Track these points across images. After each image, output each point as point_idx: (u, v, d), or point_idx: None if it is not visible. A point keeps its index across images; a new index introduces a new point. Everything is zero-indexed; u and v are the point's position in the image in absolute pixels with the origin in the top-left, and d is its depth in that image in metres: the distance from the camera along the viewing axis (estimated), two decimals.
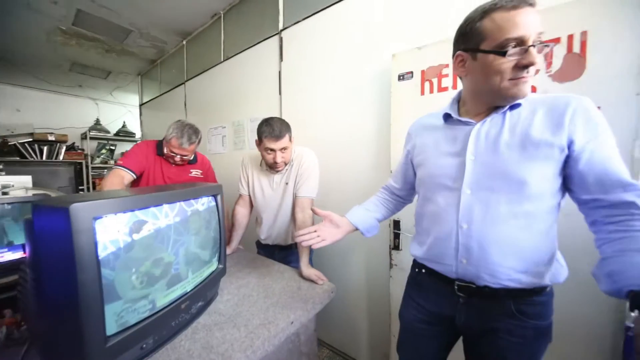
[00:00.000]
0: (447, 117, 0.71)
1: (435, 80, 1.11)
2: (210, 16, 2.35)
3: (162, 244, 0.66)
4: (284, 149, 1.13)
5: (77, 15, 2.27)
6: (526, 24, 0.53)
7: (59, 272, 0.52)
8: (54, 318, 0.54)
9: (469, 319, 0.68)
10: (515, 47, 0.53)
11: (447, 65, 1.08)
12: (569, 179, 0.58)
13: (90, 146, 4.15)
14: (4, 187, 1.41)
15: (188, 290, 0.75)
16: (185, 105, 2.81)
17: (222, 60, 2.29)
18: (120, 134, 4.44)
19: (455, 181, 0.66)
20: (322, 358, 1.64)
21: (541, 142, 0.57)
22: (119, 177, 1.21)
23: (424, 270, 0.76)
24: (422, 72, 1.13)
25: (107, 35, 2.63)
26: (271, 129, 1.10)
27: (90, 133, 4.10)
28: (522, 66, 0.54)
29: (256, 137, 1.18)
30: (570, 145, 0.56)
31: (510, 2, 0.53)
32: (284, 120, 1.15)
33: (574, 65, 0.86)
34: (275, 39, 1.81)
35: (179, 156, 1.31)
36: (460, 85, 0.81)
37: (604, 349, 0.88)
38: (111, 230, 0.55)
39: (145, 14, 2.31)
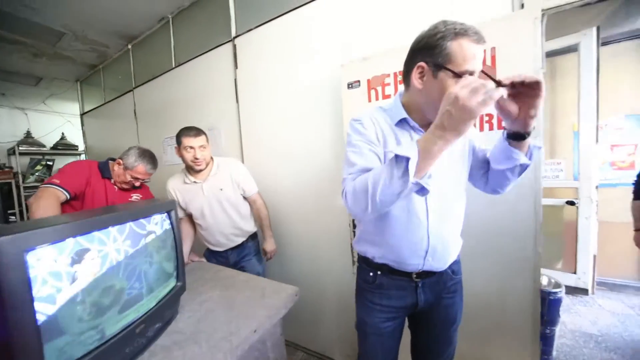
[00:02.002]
0: (401, 121, 0.72)
1: (379, 89, 1.21)
2: (157, 20, 2.23)
3: (112, 270, 0.63)
4: (202, 147, 1.35)
5: None
6: (480, 60, 0.62)
7: None
8: None
9: (427, 297, 0.80)
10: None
11: (388, 75, 1.18)
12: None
13: (20, 163, 3.62)
14: None
15: (143, 314, 0.73)
16: (135, 113, 2.61)
17: (173, 66, 2.19)
18: (59, 147, 3.96)
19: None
20: None
21: (465, 151, 0.77)
22: (54, 198, 1.10)
23: (379, 272, 0.80)
24: (368, 80, 1.23)
25: (34, 38, 2.34)
26: (188, 130, 1.36)
27: (20, 148, 3.59)
28: None
29: (175, 145, 1.39)
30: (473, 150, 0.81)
31: (475, 34, 0.59)
32: (199, 128, 1.42)
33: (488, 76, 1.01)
34: (229, 46, 1.79)
35: (140, 181, 1.35)
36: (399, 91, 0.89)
37: (526, 311, 1.04)
38: (48, 262, 0.52)
39: (79, 16, 2.10)
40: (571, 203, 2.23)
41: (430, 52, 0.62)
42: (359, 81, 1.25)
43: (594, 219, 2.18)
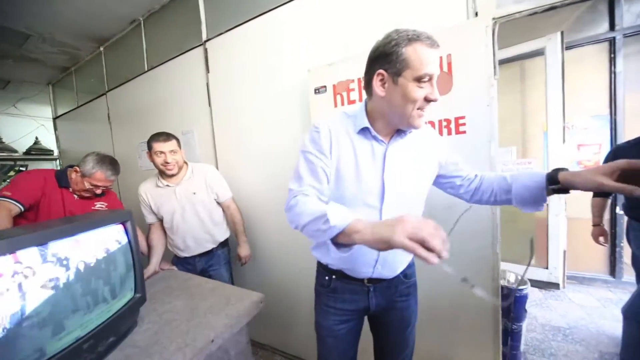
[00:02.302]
0: (363, 130, 0.71)
1: (345, 94, 1.22)
2: (129, 22, 2.17)
3: (54, 286, 0.61)
4: (173, 151, 1.35)
5: None
6: (437, 64, 0.63)
7: None
8: None
9: (379, 301, 0.82)
10: (428, 81, 0.62)
11: (353, 81, 1.20)
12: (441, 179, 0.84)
13: None
14: None
15: (91, 329, 0.71)
16: (109, 117, 2.54)
17: (146, 69, 2.14)
18: (33, 152, 3.81)
19: (375, 199, 0.71)
20: None
21: (432, 161, 0.78)
22: (5, 212, 1.06)
23: (334, 277, 0.82)
24: (334, 86, 1.24)
25: None
26: (158, 135, 1.36)
27: None
28: (428, 100, 0.63)
29: (147, 150, 1.39)
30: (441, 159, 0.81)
31: (428, 39, 0.60)
32: (170, 133, 1.42)
33: (445, 82, 1.04)
34: (200, 49, 1.77)
35: (101, 188, 1.29)
36: (364, 98, 0.88)
37: (486, 309, 1.08)
38: None
39: (44, 17, 2.03)
40: None
41: (387, 60, 0.63)
42: (325, 86, 1.26)
43: (563, 216, 2.27)
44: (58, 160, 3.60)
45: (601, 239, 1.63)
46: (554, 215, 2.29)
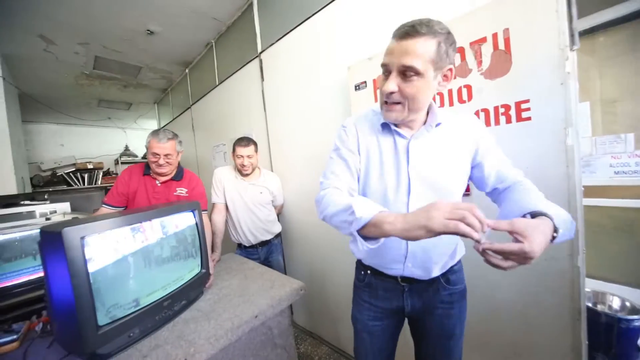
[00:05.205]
0: (384, 125, 0.72)
1: None
2: (204, 45, 2.60)
3: (144, 257, 0.83)
4: (249, 156, 1.63)
5: (96, 60, 2.65)
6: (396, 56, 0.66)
7: (59, 281, 0.70)
8: (61, 315, 0.72)
9: (414, 303, 0.79)
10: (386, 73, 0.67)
11: None
12: (475, 180, 0.76)
13: (121, 170, 4.67)
14: (51, 212, 1.75)
15: (169, 292, 0.92)
16: (192, 127, 3.10)
17: (217, 84, 2.52)
18: (145, 157, 4.95)
19: (399, 193, 0.70)
20: (321, 355, 1.74)
21: (460, 157, 0.71)
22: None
23: (369, 272, 0.82)
24: (374, 81, 1.21)
25: (122, 73, 3.01)
26: (240, 140, 1.64)
27: (121, 158, 4.63)
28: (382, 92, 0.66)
29: (232, 151, 1.69)
30: (475, 157, 0.73)
31: (397, 30, 0.66)
32: (251, 138, 1.68)
33: (501, 62, 0.90)
34: (256, 61, 1.98)
35: (162, 158, 1.33)
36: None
37: (563, 335, 0.89)
38: (98, 246, 0.72)
39: (149, 52, 2.62)
40: None
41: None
42: (365, 82, 1.25)
43: None
44: None
45: None
46: None
